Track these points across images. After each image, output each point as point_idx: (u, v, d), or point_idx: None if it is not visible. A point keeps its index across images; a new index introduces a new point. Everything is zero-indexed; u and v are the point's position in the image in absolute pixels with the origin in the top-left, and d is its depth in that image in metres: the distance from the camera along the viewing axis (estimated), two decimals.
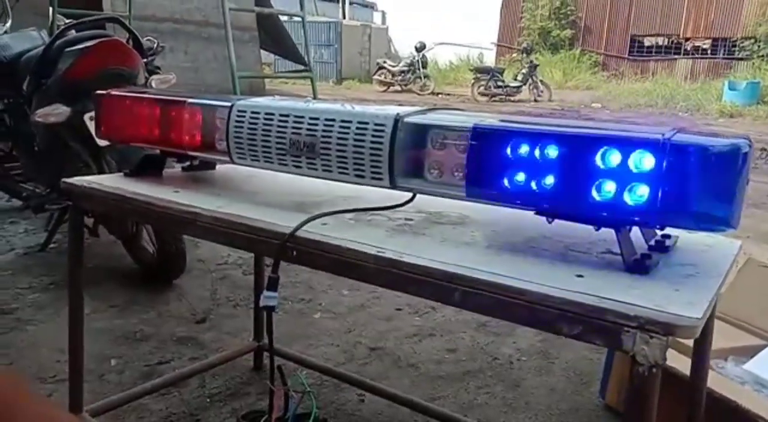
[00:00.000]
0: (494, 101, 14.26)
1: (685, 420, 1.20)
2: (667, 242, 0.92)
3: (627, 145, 0.79)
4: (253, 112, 1.10)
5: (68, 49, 2.17)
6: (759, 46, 16.72)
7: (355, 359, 1.97)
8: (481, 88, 14.53)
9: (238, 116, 1.12)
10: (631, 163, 0.79)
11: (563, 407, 1.74)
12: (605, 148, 0.80)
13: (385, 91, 16.23)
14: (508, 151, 0.88)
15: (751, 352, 1.60)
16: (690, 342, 1.26)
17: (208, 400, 1.70)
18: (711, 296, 0.74)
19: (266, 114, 1.08)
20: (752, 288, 1.87)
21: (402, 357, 1.99)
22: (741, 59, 17.25)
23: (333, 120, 1.01)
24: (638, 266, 0.81)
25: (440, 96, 15.53)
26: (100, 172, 2.19)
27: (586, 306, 0.70)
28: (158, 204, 1.12)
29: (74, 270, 1.36)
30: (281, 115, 1.06)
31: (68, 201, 1.34)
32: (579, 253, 0.90)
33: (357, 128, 0.98)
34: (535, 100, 14.31)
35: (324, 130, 1.01)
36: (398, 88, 16.22)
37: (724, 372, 1.54)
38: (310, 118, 1.03)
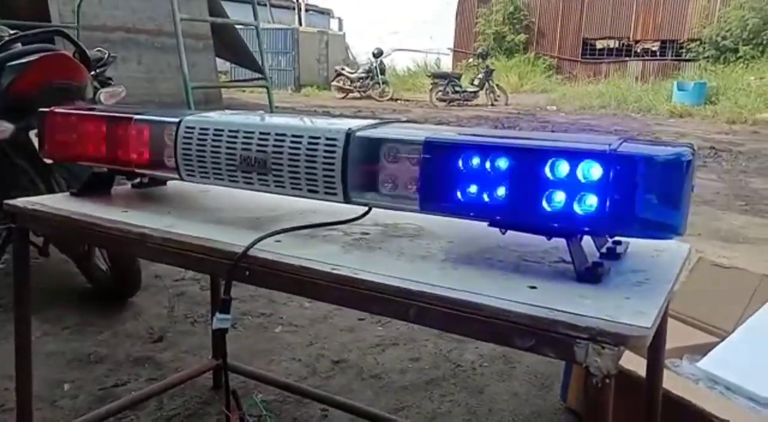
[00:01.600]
0: (452, 106, 14.40)
1: (643, 420, 1.22)
2: (618, 249, 0.94)
3: (575, 156, 0.80)
4: (201, 129, 1.08)
5: (11, 63, 2.10)
6: (704, 48, 17.32)
7: (318, 373, 1.95)
8: (439, 94, 14.66)
9: (186, 132, 1.09)
10: (580, 173, 0.80)
11: (526, 411, 1.76)
12: (554, 159, 0.81)
13: (344, 97, 16.23)
14: (460, 163, 0.88)
15: (704, 350, 1.64)
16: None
17: None
18: (661, 303, 0.75)
19: (215, 130, 1.06)
20: (705, 286, 1.92)
21: (365, 369, 1.98)
22: (688, 60, 17.84)
23: (284, 135, 0.99)
24: (589, 275, 0.82)
25: (399, 102, 15.60)
26: (49, 189, 2.12)
27: (538, 319, 0.70)
28: (106, 225, 1.09)
29: (21, 296, 1.30)
30: (230, 131, 1.04)
31: (10, 222, 1.28)
32: (532, 263, 0.90)
33: (308, 143, 0.97)
34: (492, 104, 14.52)
35: (275, 146, 1.00)
36: (357, 94, 16.23)
37: (679, 370, 1.58)
38: (261, 134, 1.01)
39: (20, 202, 1.24)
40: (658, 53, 18.93)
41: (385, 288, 0.80)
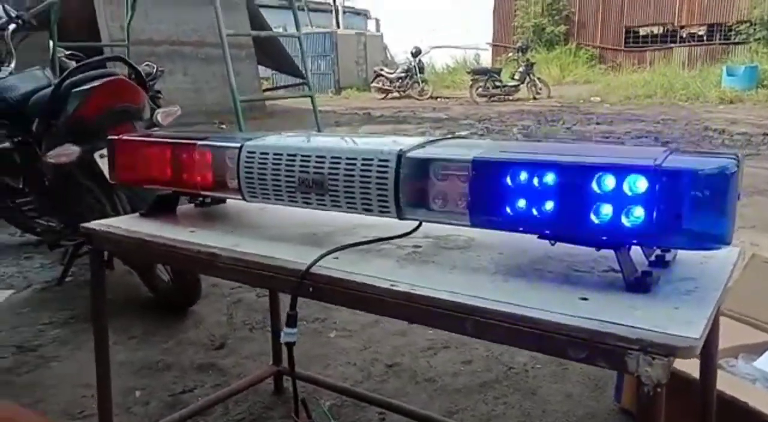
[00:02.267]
0: (493, 101, 14.31)
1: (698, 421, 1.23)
2: (667, 257, 0.96)
3: (621, 170, 0.83)
4: (261, 153, 1.15)
5: (75, 89, 2.23)
6: (755, 30, 16.68)
7: (373, 377, 2.01)
8: (480, 90, 14.59)
9: (247, 157, 1.16)
10: (626, 187, 0.83)
11: (580, 413, 1.78)
12: (600, 174, 0.84)
13: (384, 98, 16.31)
14: (508, 180, 0.92)
15: (761, 349, 1.63)
16: None
17: None
18: (709, 313, 0.78)
19: (275, 154, 1.13)
20: (759, 284, 1.89)
21: (419, 372, 2.03)
22: (737, 44, 17.23)
23: (339, 158, 1.05)
24: (639, 284, 0.85)
25: (439, 99, 15.59)
26: (113, 207, 2.25)
27: (591, 332, 0.73)
28: (177, 246, 1.17)
29: (98, 310, 1.41)
30: (289, 155, 1.11)
31: (86, 243, 1.38)
32: (582, 273, 0.94)
33: (362, 164, 1.03)
34: (534, 98, 14.36)
35: (331, 168, 1.06)
36: (397, 94, 16.29)
37: (734, 370, 1.57)
38: (317, 157, 1.08)
39: (94, 224, 1.34)
40: (705, 37, 18.33)
41: (442, 303, 0.84)
